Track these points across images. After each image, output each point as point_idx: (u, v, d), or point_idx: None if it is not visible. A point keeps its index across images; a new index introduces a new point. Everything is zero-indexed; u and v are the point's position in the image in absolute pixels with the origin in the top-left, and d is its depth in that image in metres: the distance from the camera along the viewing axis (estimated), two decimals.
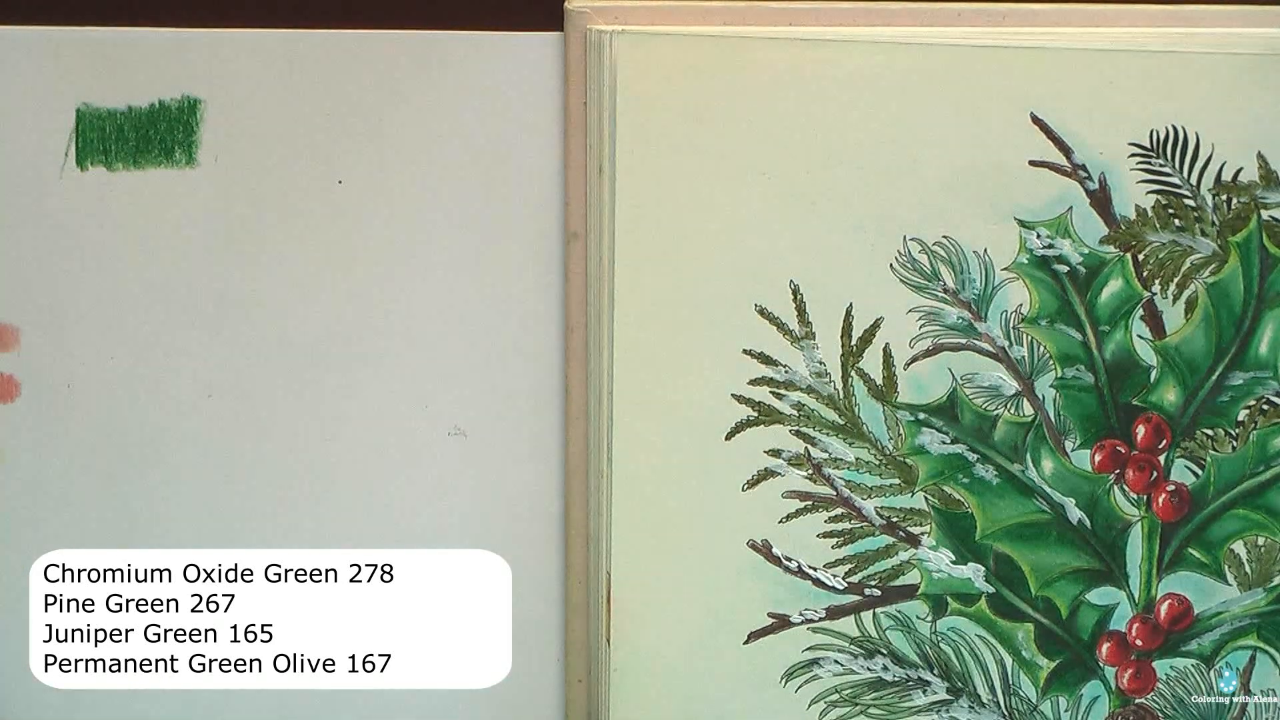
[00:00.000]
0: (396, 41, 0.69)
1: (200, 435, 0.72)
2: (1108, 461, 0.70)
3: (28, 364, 0.71)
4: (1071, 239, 0.68)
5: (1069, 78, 0.67)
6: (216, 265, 0.71)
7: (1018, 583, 0.71)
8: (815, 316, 0.69)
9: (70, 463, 0.72)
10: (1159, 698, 0.72)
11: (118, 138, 0.69)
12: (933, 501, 0.71)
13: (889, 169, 0.68)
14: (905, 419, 0.70)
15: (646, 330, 0.69)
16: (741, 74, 0.67)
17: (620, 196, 0.68)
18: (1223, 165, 0.67)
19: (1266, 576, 0.71)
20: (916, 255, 0.69)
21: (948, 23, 0.67)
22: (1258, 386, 0.69)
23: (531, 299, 0.71)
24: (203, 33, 0.69)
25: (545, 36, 0.68)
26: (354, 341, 0.71)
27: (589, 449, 0.71)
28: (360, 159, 0.70)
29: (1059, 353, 0.69)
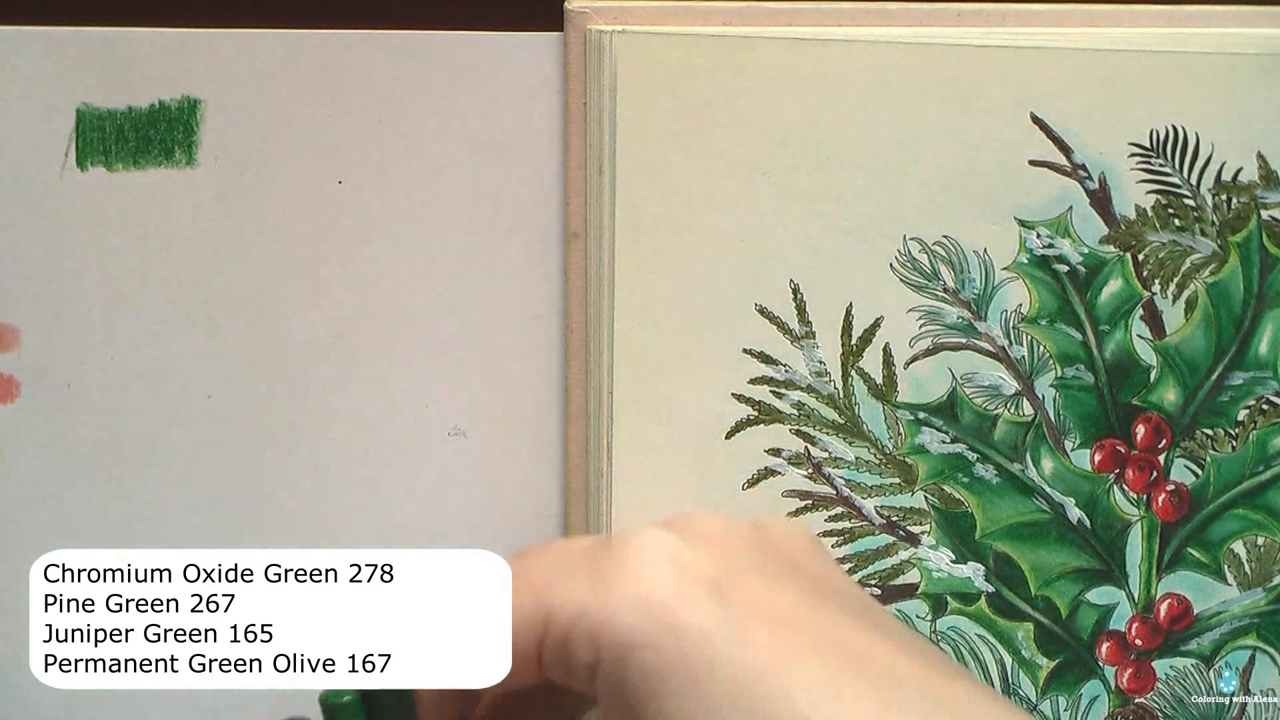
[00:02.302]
0: (396, 41, 0.69)
1: (200, 435, 0.72)
2: (1107, 461, 0.70)
3: (28, 364, 0.71)
4: (1071, 239, 0.68)
5: (1069, 78, 0.67)
6: (216, 265, 0.70)
7: (1017, 582, 0.71)
8: (815, 316, 0.69)
9: (70, 463, 0.72)
10: (1158, 697, 0.72)
11: (118, 138, 0.69)
12: (932, 501, 0.71)
13: (889, 169, 0.68)
14: (905, 418, 0.70)
15: (646, 330, 0.69)
16: (741, 74, 0.67)
17: (620, 196, 0.68)
18: (1223, 165, 0.67)
19: (1266, 576, 0.71)
20: (916, 255, 0.69)
21: (948, 23, 0.67)
22: (1258, 386, 0.69)
23: (531, 299, 0.71)
24: (203, 33, 0.69)
25: (545, 36, 0.68)
26: (354, 341, 0.71)
27: (589, 449, 0.71)
28: (360, 159, 0.70)
29: (1059, 352, 0.69)
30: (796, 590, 0.41)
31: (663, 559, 0.40)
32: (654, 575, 0.40)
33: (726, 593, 0.40)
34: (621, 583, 0.40)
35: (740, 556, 0.41)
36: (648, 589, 0.39)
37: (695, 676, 0.39)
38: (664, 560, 0.40)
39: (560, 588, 0.40)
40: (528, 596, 0.40)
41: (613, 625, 0.39)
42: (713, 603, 0.39)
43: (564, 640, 0.40)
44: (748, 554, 0.41)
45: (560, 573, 0.41)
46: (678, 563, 0.40)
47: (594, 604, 0.40)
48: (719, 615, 0.39)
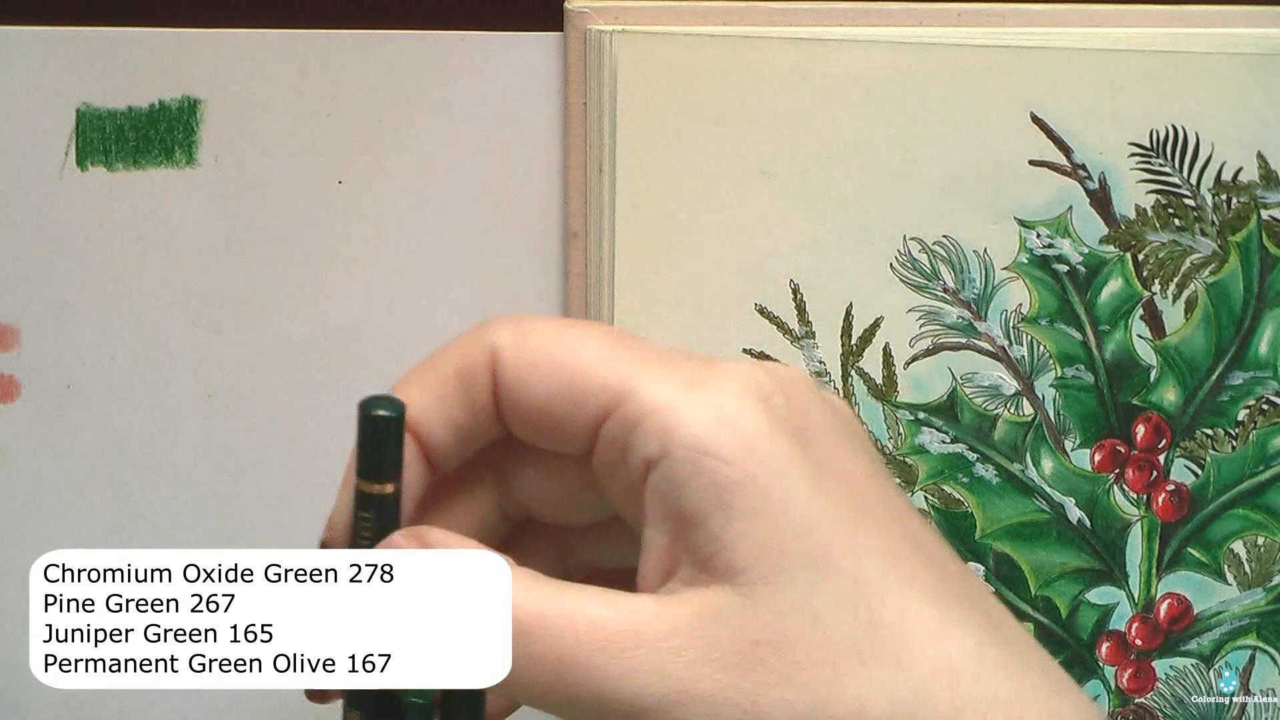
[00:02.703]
0: (396, 41, 0.69)
1: (200, 435, 0.72)
2: (1107, 461, 0.70)
3: (28, 364, 0.71)
4: (1071, 239, 0.68)
5: (1069, 78, 0.67)
6: (216, 265, 0.70)
7: (1017, 582, 0.71)
8: (815, 316, 0.69)
9: (70, 463, 0.72)
10: (1158, 697, 0.72)
11: (118, 138, 0.69)
12: (932, 501, 0.71)
13: (889, 169, 0.68)
14: (905, 418, 0.70)
15: (646, 330, 0.69)
16: (741, 74, 0.67)
17: (620, 196, 0.68)
18: (1223, 165, 0.67)
19: (1266, 576, 0.71)
20: (916, 255, 0.69)
21: (948, 23, 0.67)
22: (1258, 386, 0.69)
23: (531, 299, 0.71)
24: (203, 33, 0.69)
25: (545, 36, 0.68)
26: (354, 341, 0.71)
27: None
28: (360, 159, 0.70)
29: (1059, 352, 0.69)
30: (865, 458, 0.40)
31: (755, 392, 0.39)
32: (744, 402, 0.39)
33: (809, 445, 0.39)
34: (711, 395, 0.39)
35: (816, 410, 0.40)
36: (735, 411, 0.39)
37: (771, 503, 0.38)
38: (756, 394, 0.39)
39: (646, 375, 0.39)
40: (609, 370, 0.39)
41: (691, 429, 0.38)
42: (795, 447, 0.39)
43: (631, 424, 0.39)
44: (821, 408, 0.41)
45: (648, 361, 0.40)
46: (768, 401, 0.39)
47: (680, 404, 0.39)
48: (800, 458, 0.39)
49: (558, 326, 0.41)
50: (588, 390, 0.40)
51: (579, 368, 0.40)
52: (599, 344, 0.40)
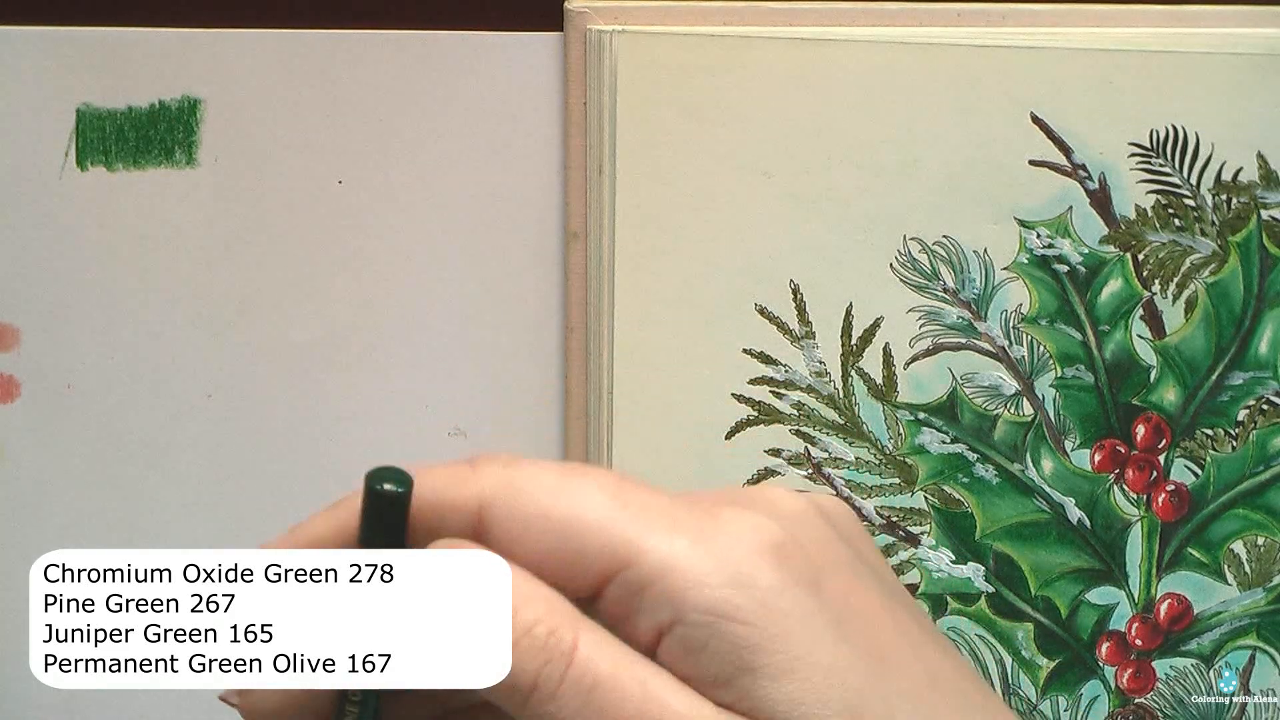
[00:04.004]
0: (396, 41, 0.69)
1: (200, 435, 0.72)
2: (1107, 461, 0.70)
3: (28, 364, 0.71)
4: (1071, 239, 0.68)
5: (1069, 78, 0.67)
6: (216, 265, 0.70)
7: (1017, 582, 0.71)
8: (815, 316, 0.69)
9: (70, 463, 0.72)
10: (1158, 697, 0.72)
11: (118, 138, 0.69)
12: (932, 501, 0.71)
13: (889, 169, 0.68)
14: (905, 418, 0.70)
15: (646, 330, 0.69)
16: (741, 74, 0.67)
17: (620, 196, 0.68)
18: (1223, 165, 0.67)
19: (1266, 576, 0.71)
20: (916, 255, 0.69)
21: (948, 23, 0.67)
22: (1258, 386, 0.69)
23: (531, 299, 0.71)
24: (203, 33, 0.69)
25: (545, 36, 0.68)
26: (354, 341, 0.71)
27: (589, 449, 0.71)
28: (360, 159, 0.70)
29: (1059, 352, 0.69)
30: (877, 591, 0.40)
31: (765, 544, 0.39)
32: (755, 557, 0.38)
33: (824, 590, 0.39)
34: (722, 552, 0.38)
35: (826, 549, 0.40)
36: (749, 569, 0.38)
37: (797, 660, 0.38)
38: (766, 546, 0.39)
39: (652, 535, 0.38)
40: (612, 530, 0.38)
41: (704, 592, 0.38)
42: (812, 598, 0.39)
43: (639, 588, 0.38)
44: (830, 545, 0.40)
45: (651, 517, 0.39)
46: (780, 552, 0.39)
47: (689, 566, 0.38)
48: (818, 609, 0.39)
49: (553, 478, 0.40)
50: (587, 552, 0.39)
51: (578, 528, 0.39)
52: (598, 499, 0.39)
